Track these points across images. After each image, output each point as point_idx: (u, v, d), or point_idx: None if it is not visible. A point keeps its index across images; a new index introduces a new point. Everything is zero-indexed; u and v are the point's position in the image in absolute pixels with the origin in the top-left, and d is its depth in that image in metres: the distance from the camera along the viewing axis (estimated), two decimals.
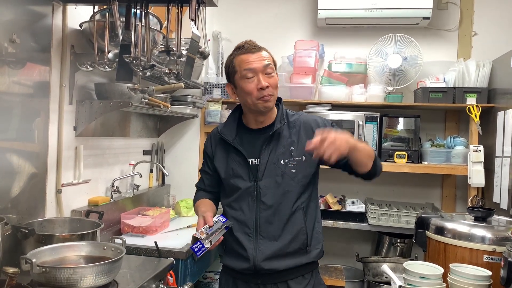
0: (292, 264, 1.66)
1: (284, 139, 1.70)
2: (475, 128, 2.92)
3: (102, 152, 2.46)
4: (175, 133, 3.30)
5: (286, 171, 1.67)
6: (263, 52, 1.67)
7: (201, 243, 1.51)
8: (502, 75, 2.82)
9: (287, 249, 1.65)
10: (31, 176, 1.84)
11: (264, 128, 1.73)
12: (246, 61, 1.63)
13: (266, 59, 1.65)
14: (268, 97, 1.64)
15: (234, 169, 1.72)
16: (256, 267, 1.65)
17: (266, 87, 1.62)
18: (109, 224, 2.37)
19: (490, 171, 2.79)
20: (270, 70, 1.65)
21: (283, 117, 1.72)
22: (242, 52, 1.66)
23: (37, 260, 1.35)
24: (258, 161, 1.69)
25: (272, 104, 1.68)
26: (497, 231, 1.79)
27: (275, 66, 1.72)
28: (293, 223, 1.67)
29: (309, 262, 1.69)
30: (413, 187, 3.33)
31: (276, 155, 1.68)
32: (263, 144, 1.69)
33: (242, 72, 1.64)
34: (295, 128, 1.72)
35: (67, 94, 2.07)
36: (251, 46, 1.66)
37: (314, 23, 3.44)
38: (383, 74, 3.11)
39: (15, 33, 1.69)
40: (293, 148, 1.69)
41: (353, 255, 3.06)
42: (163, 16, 2.06)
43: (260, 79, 1.62)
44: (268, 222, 1.66)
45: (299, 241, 1.67)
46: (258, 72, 1.63)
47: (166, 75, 2.04)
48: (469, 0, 3.27)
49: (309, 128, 1.71)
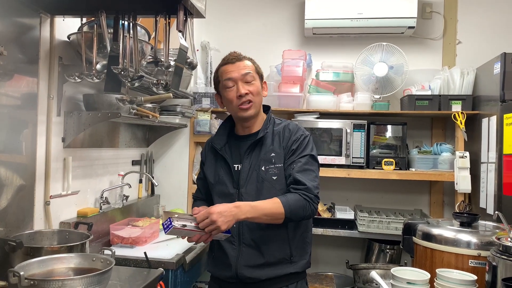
0: (275, 273, 1.66)
1: (266, 146, 1.73)
2: (461, 134, 2.97)
3: (91, 163, 2.45)
4: (164, 143, 3.30)
5: (267, 177, 1.69)
6: (245, 62, 1.73)
7: (170, 221, 1.50)
8: (486, 83, 2.88)
9: (270, 258, 1.66)
10: (19, 188, 1.83)
11: (249, 135, 1.78)
12: (226, 71, 1.72)
13: (246, 68, 1.71)
14: (247, 104, 1.69)
15: (220, 176, 1.76)
16: (238, 275, 1.66)
17: (244, 94, 1.68)
18: (98, 236, 2.36)
19: (477, 177, 2.83)
20: (250, 78, 1.71)
21: (268, 125, 1.77)
22: (223, 63, 1.75)
23: (25, 273, 1.34)
24: (240, 167, 1.73)
25: (253, 112, 1.72)
26: (482, 236, 1.82)
27: (260, 74, 1.77)
28: (275, 233, 1.67)
29: (293, 272, 1.70)
30: (401, 194, 3.36)
31: (258, 162, 1.71)
32: (246, 150, 1.74)
33: (223, 82, 1.72)
34: (278, 135, 1.75)
35: (55, 105, 2.07)
36: (231, 57, 1.74)
37: (301, 33, 3.49)
38: (370, 83, 3.15)
39: (2, 45, 1.69)
40: (273, 155, 1.71)
41: (343, 263, 3.08)
42: (151, 27, 2.08)
43: (239, 87, 1.69)
44: (251, 230, 1.67)
45: (281, 251, 1.68)
46: (237, 80, 1.70)
47: (154, 86, 2.05)
48: (452, 9, 3.34)
49: (287, 136, 1.74)
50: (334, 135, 3.07)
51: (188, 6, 1.77)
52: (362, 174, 3.02)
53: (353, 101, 3.17)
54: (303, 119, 3.12)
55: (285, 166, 1.70)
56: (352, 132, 3.05)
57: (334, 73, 3.32)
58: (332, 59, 3.39)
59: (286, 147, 1.71)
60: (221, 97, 1.79)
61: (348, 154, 3.04)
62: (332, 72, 3.32)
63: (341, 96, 3.20)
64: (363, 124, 3.06)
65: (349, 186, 3.39)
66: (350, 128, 3.05)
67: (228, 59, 1.74)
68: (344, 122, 3.07)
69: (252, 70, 1.72)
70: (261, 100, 1.77)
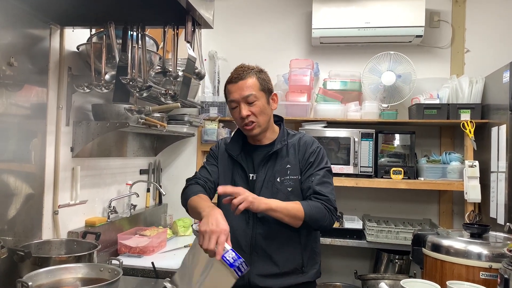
0: (287, 283, 1.67)
1: (282, 158, 1.74)
2: (470, 143, 2.94)
3: (99, 173, 2.46)
4: (172, 152, 3.31)
5: (282, 189, 1.69)
6: (248, 81, 1.70)
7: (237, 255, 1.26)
8: (495, 91, 2.86)
9: (282, 269, 1.66)
10: (27, 197, 1.84)
11: (265, 146, 1.78)
12: (229, 91, 1.73)
13: (248, 89, 1.69)
14: (250, 125, 1.70)
15: (236, 183, 1.76)
16: (250, 284, 1.66)
17: (246, 116, 1.68)
18: (106, 245, 2.36)
19: (486, 186, 2.80)
20: (252, 99, 1.69)
21: (284, 138, 1.77)
22: (228, 81, 1.75)
23: (33, 283, 1.35)
24: (255, 177, 1.73)
25: (258, 131, 1.73)
26: (493, 248, 1.79)
27: (265, 89, 1.74)
28: (288, 243, 1.68)
29: (305, 281, 1.70)
30: (410, 203, 3.33)
31: (273, 173, 1.71)
32: (261, 161, 1.74)
33: (228, 102, 1.75)
34: (292, 148, 1.76)
35: (64, 115, 2.09)
36: (235, 74, 1.72)
37: (308, 42, 3.49)
38: (378, 92, 3.14)
39: (13, 56, 1.72)
40: (289, 166, 1.72)
41: (352, 273, 3.04)
42: (159, 37, 2.10)
43: (241, 108, 1.69)
44: (264, 240, 1.68)
45: (294, 261, 1.68)
46: (239, 102, 1.70)
47: (162, 96, 2.06)
48: (460, 18, 3.33)
49: (303, 148, 1.75)
50: (342, 144, 3.06)
51: (196, 17, 1.78)
52: (370, 183, 3.00)
53: (360, 110, 3.16)
54: (310, 128, 3.11)
55: (303, 178, 1.71)
56: (360, 141, 3.03)
57: (342, 82, 3.31)
58: (339, 68, 3.39)
59: (303, 159, 1.73)
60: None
61: (356, 163, 3.02)
62: (339, 81, 3.31)
63: (349, 105, 3.19)
64: (371, 133, 3.05)
65: (357, 196, 3.37)
66: (358, 137, 3.04)
67: (231, 78, 1.73)
68: (352, 131, 3.06)
69: (254, 90, 1.69)
70: (266, 118, 1.74)
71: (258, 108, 1.70)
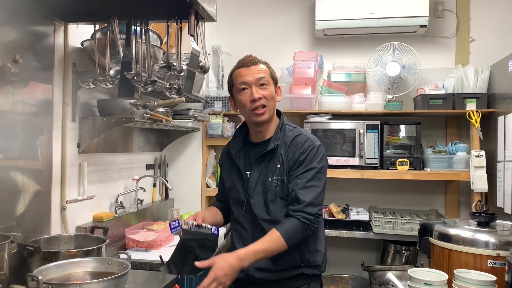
0: (286, 275, 1.69)
1: (275, 157, 1.72)
2: (476, 133, 2.93)
3: (105, 168, 2.48)
4: (177, 146, 3.32)
5: (271, 188, 1.69)
6: (260, 66, 1.72)
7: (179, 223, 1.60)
8: (500, 80, 2.84)
9: (281, 266, 1.67)
10: (35, 193, 1.86)
11: (261, 143, 1.77)
12: (241, 74, 1.71)
13: (260, 72, 1.70)
14: (261, 109, 1.68)
15: (234, 182, 1.78)
16: (249, 277, 1.68)
17: (258, 99, 1.67)
18: (114, 240, 2.38)
19: (493, 176, 2.79)
20: (264, 82, 1.70)
21: (279, 134, 1.74)
22: (238, 66, 1.74)
23: (43, 277, 1.36)
24: (249, 175, 1.74)
25: (267, 116, 1.71)
26: (500, 236, 1.78)
27: (274, 79, 1.76)
28: None
29: (306, 273, 1.71)
30: (416, 194, 3.33)
31: (267, 172, 1.71)
32: (256, 159, 1.74)
33: (237, 85, 1.72)
34: (285, 146, 1.72)
35: (70, 111, 2.10)
36: (247, 60, 1.73)
37: (312, 34, 3.48)
38: (382, 83, 3.13)
39: (18, 53, 1.72)
40: (279, 166, 1.70)
41: (359, 264, 3.05)
42: (163, 32, 2.10)
43: (253, 91, 1.68)
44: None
45: (293, 258, 1.68)
46: (251, 84, 1.68)
47: (167, 90, 2.07)
48: (465, 7, 3.31)
49: (294, 147, 1.71)
50: (347, 136, 3.06)
51: (199, 10, 1.78)
52: (376, 175, 3.00)
53: (365, 102, 3.15)
54: (315, 120, 3.11)
55: (290, 178, 1.67)
56: (365, 132, 3.03)
57: (346, 74, 3.30)
58: (343, 59, 3.38)
59: (293, 158, 1.68)
60: (234, 100, 1.78)
61: (361, 155, 3.02)
62: (344, 72, 3.30)
63: (354, 97, 3.18)
64: (376, 124, 3.04)
65: (363, 187, 3.37)
66: (363, 129, 3.03)
67: (243, 62, 1.73)
68: (357, 122, 3.05)
69: (266, 75, 1.71)
70: (274, 105, 1.75)
71: (270, 92, 1.71)
